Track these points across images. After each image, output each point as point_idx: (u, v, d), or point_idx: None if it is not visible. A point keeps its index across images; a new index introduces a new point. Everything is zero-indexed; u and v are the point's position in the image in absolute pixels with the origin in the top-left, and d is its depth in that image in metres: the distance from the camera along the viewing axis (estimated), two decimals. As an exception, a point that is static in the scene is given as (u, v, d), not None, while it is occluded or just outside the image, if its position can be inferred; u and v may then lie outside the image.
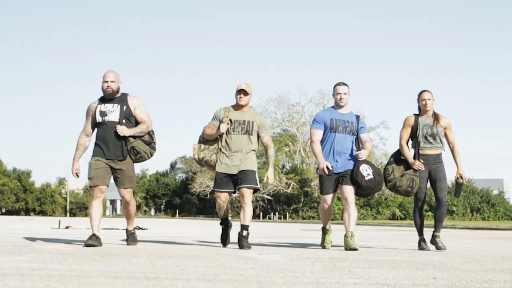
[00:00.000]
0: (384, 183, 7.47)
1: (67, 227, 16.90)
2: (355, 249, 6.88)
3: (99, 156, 7.11)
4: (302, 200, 56.99)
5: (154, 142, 7.30)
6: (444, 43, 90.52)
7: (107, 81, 7.11)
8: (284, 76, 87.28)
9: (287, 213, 56.87)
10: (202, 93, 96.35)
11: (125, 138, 7.13)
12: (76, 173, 7.17)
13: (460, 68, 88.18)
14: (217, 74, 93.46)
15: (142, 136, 7.20)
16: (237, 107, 7.43)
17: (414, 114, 7.65)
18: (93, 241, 6.81)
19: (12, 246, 6.70)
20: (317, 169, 7.46)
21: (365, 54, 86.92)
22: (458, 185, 7.65)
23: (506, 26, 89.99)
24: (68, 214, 73.96)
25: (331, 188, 7.33)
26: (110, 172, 7.14)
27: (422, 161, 7.44)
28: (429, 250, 7.30)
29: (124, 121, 7.13)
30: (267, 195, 56.50)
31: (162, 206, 75.81)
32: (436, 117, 7.58)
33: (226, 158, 7.30)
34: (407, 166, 7.50)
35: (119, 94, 7.23)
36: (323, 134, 7.40)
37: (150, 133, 7.28)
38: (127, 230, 7.56)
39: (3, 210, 72.20)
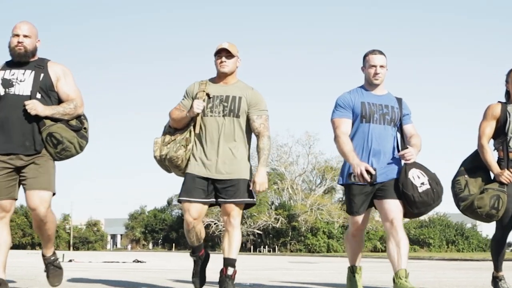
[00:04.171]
0: (455, 202, 4.93)
1: (70, 261, 16.68)
2: None
3: None
4: (290, 234, 56.84)
5: (85, 129, 4.54)
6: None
7: (18, 35, 4.37)
8: (274, 119, 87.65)
9: (276, 246, 56.72)
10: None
11: (38, 121, 4.36)
12: None
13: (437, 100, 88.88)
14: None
15: (67, 121, 4.47)
16: (218, 77, 4.68)
17: (499, 102, 4.96)
18: None
19: (19, 279, 6.63)
20: (350, 175, 4.50)
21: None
22: None
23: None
24: (71, 248, 73.13)
25: (364, 204, 4.61)
26: (16, 177, 4.39)
27: None
28: None
29: (39, 95, 4.39)
30: (258, 229, 56.35)
31: (160, 240, 75.27)
32: None
33: (202, 154, 4.61)
34: (487, 177, 4.89)
35: (35, 58, 4.50)
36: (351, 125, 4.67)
37: (81, 118, 4.57)
38: (44, 256, 4.73)
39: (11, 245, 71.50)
